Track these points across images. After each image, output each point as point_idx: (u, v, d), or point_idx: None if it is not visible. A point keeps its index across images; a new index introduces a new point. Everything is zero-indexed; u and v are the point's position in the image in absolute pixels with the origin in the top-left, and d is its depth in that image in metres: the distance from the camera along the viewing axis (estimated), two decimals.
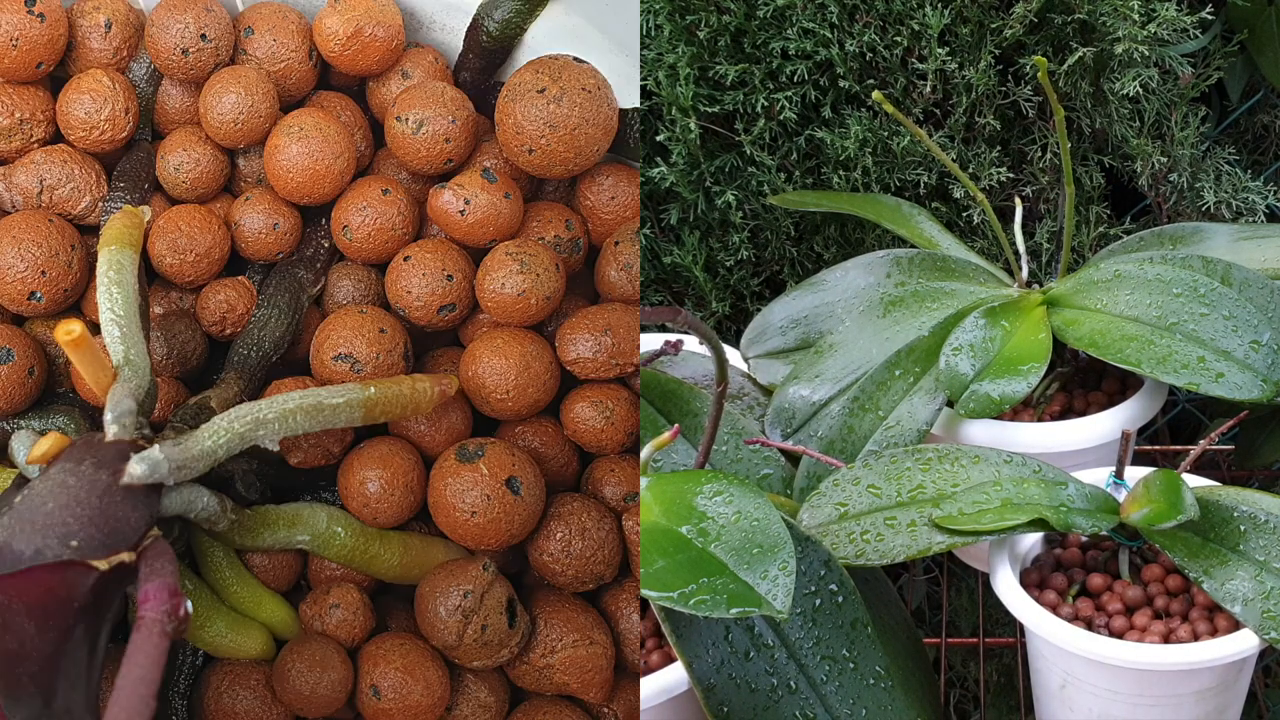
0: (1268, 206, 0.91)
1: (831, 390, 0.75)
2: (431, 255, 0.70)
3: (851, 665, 0.59)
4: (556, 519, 0.66)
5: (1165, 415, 1.02)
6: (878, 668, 0.59)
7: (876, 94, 0.72)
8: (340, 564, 0.67)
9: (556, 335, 0.70)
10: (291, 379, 0.69)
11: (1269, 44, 0.91)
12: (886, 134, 0.91)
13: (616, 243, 0.72)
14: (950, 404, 0.70)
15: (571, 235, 0.73)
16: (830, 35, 0.89)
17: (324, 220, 0.74)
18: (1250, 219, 0.91)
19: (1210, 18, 0.87)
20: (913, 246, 0.82)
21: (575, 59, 0.71)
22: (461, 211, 0.70)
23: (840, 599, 0.60)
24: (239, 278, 0.73)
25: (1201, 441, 0.68)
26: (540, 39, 0.76)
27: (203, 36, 0.72)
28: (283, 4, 0.76)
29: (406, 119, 0.72)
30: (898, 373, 0.72)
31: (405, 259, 0.70)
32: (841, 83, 0.90)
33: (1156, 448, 0.93)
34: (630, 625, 0.67)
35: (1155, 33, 0.85)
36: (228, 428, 0.61)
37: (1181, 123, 0.90)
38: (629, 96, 0.73)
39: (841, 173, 0.92)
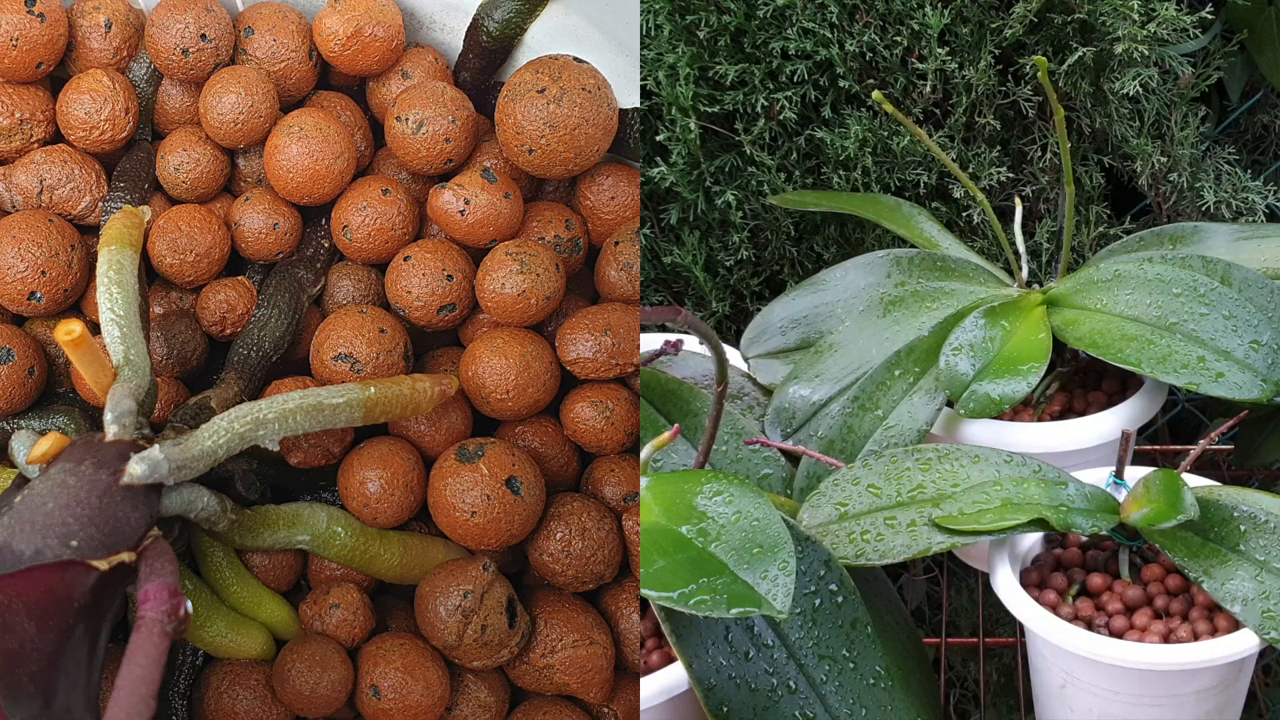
0: (1268, 206, 0.91)
1: (831, 390, 0.75)
2: (431, 255, 0.70)
3: (851, 665, 0.59)
4: (556, 519, 0.66)
5: (1165, 415, 1.02)
6: (877, 667, 0.59)
7: (876, 94, 0.72)
8: (340, 564, 0.67)
9: (556, 335, 0.70)
10: (291, 379, 0.69)
11: (1269, 44, 0.91)
12: (886, 134, 0.91)
13: (616, 243, 0.72)
14: (950, 404, 0.70)
15: (571, 235, 0.73)
16: (830, 35, 0.89)
17: (324, 220, 0.74)
18: (1250, 219, 0.91)
19: (1210, 17, 0.87)
20: (913, 246, 0.82)
21: (575, 59, 0.71)
22: (461, 211, 0.70)
23: (840, 599, 0.60)
24: (239, 278, 0.73)
25: (1201, 441, 0.68)
26: (540, 39, 0.76)
27: (203, 36, 0.72)
28: (283, 4, 0.76)
29: (406, 119, 0.72)
30: (897, 373, 0.72)
31: (405, 259, 0.70)
32: (841, 83, 0.90)
33: (1156, 447, 0.93)
34: (630, 625, 0.67)
35: (1155, 32, 0.85)
36: (228, 428, 0.61)
37: (1181, 122, 0.90)
38: (629, 96, 0.73)
39: (841, 172, 0.92)
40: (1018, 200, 0.81)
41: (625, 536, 0.67)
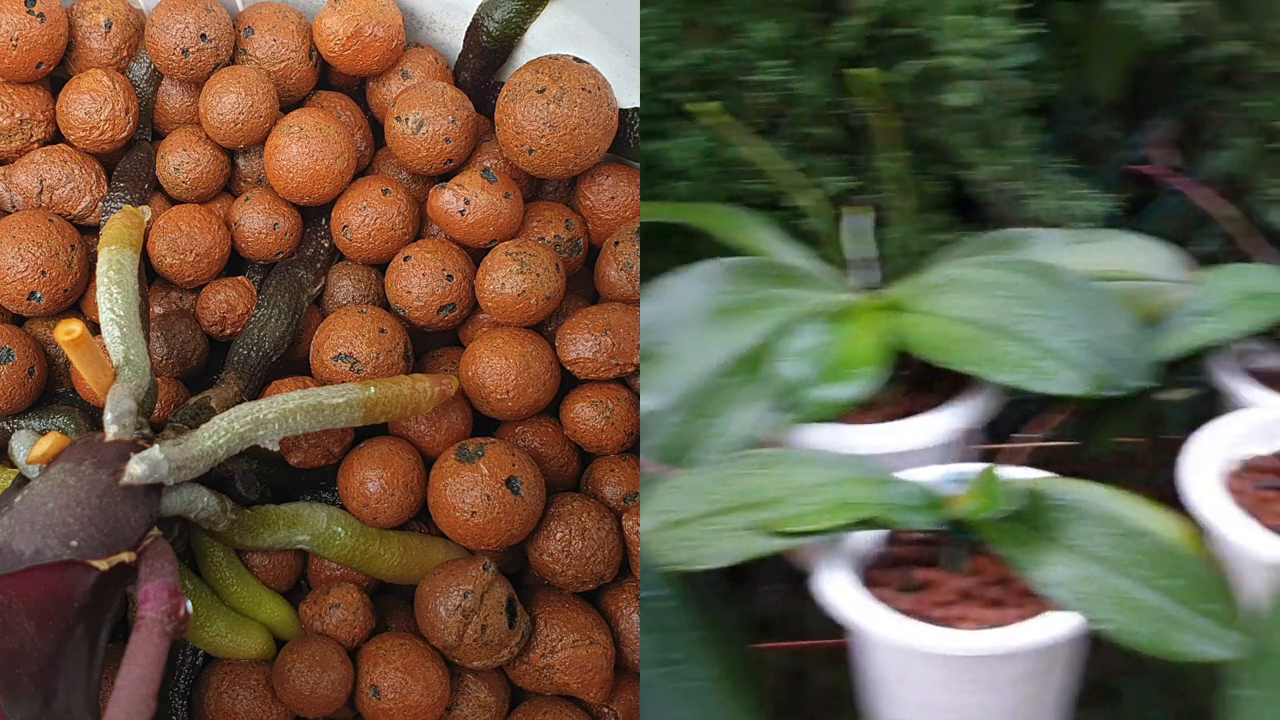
0: (1098, 212, 0.92)
1: (668, 400, 0.75)
2: (431, 255, 0.70)
3: (680, 669, 0.59)
4: (556, 519, 0.66)
5: (1017, 413, 1.03)
6: (708, 673, 0.59)
7: (707, 105, 0.73)
8: (340, 564, 0.67)
9: (556, 335, 0.70)
10: (291, 379, 0.69)
11: (1093, 57, 0.93)
12: (726, 145, 0.90)
13: (616, 243, 0.72)
14: (785, 410, 0.71)
15: (571, 235, 0.73)
16: (670, 48, 0.88)
17: (324, 220, 0.74)
18: (1083, 224, 0.92)
19: (1044, 31, 0.88)
20: (753, 255, 0.82)
21: (575, 59, 0.71)
22: (461, 211, 0.70)
23: (673, 604, 0.60)
24: (239, 278, 0.73)
25: (1018, 437, 0.69)
26: (540, 39, 0.76)
27: (203, 36, 0.72)
28: (283, 4, 0.76)
29: (406, 119, 0.72)
30: (731, 380, 0.72)
31: (405, 259, 0.70)
32: (680, 94, 0.90)
33: (1003, 446, 0.93)
34: (630, 625, 0.67)
35: (986, 47, 0.85)
36: (228, 428, 0.61)
37: (1017, 134, 0.90)
38: (629, 96, 0.73)
39: (681, 183, 0.92)
40: (844, 209, 0.81)
41: (625, 536, 0.67)
